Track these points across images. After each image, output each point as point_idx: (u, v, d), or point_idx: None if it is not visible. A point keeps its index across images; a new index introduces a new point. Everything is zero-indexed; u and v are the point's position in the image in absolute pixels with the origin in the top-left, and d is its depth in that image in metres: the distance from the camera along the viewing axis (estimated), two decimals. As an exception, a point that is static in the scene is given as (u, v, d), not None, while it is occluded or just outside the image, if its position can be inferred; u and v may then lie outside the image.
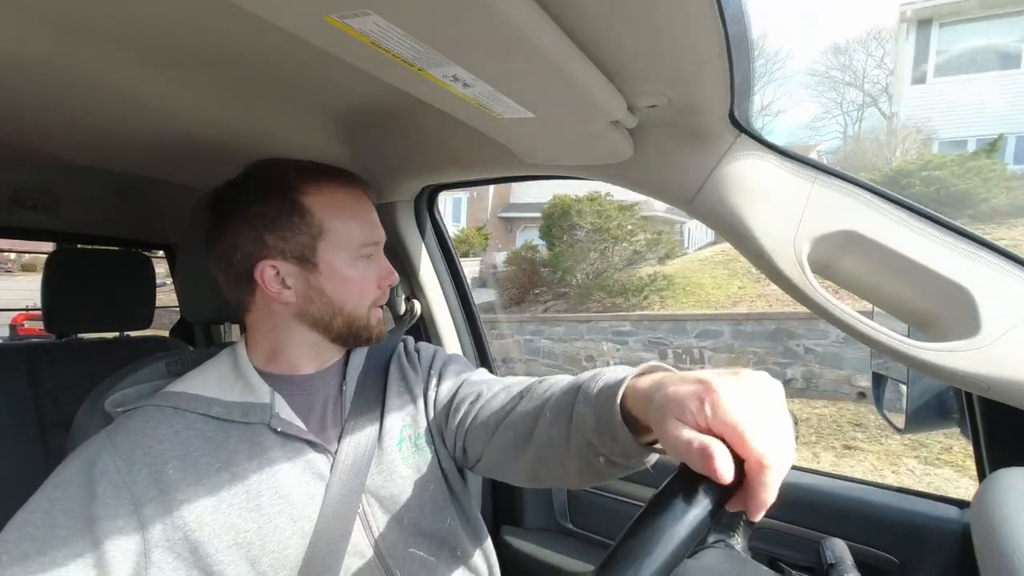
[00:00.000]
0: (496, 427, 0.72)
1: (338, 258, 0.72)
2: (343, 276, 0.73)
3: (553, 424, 0.63)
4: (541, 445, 0.65)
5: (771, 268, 0.67)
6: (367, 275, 0.75)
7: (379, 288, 0.77)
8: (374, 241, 0.76)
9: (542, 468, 0.67)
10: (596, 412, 0.57)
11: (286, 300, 0.72)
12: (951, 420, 0.78)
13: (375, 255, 0.77)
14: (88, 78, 0.64)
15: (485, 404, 0.75)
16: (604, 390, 0.57)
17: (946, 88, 11.45)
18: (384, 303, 0.79)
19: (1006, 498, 0.54)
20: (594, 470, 0.60)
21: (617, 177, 0.80)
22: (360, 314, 0.75)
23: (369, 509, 0.71)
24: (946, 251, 0.61)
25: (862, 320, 0.64)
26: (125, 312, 1.48)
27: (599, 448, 0.57)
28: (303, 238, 0.71)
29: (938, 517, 0.80)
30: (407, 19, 0.41)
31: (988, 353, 0.58)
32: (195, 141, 0.84)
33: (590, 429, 0.57)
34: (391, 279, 0.78)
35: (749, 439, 0.38)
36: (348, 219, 0.73)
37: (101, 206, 1.43)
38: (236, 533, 0.63)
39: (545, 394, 0.68)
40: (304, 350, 0.75)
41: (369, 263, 0.76)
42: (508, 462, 0.71)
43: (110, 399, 0.70)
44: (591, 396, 0.58)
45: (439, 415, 0.80)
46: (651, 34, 0.49)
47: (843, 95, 18.82)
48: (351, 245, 0.73)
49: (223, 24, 0.59)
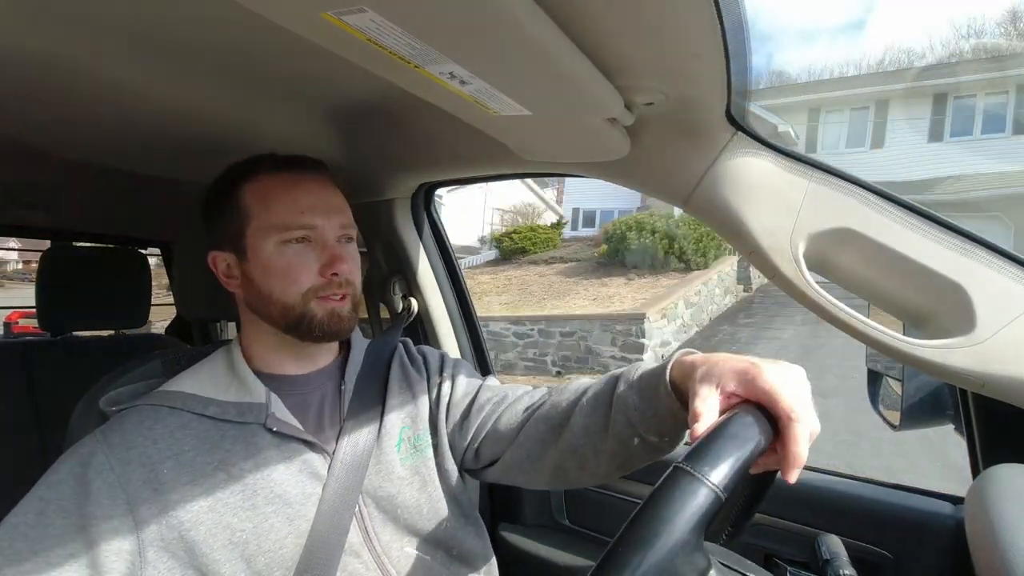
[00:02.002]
0: (524, 423, 0.75)
1: (264, 243, 0.69)
2: (268, 262, 0.69)
3: (591, 412, 0.69)
4: (575, 434, 0.70)
5: (767, 265, 0.67)
6: (300, 262, 0.69)
7: (322, 276, 0.70)
8: (307, 225, 0.70)
9: (569, 460, 0.71)
10: (639, 391, 0.64)
11: (234, 290, 0.75)
12: (946, 416, 0.78)
13: (315, 240, 0.71)
14: (83, 73, 0.63)
15: (511, 405, 0.78)
16: (647, 372, 0.65)
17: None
18: (338, 295, 0.71)
19: (1000, 494, 0.54)
20: (627, 452, 0.66)
21: (614, 174, 0.80)
22: (292, 302, 0.69)
23: (366, 509, 0.71)
24: (941, 248, 0.61)
25: (858, 317, 0.64)
26: (120, 310, 1.48)
27: (638, 427, 0.63)
28: (234, 226, 0.71)
29: (932, 512, 0.80)
30: (403, 16, 0.41)
31: (983, 350, 0.58)
32: (191, 137, 0.84)
33: (632, 408, 0.64)
34: (336, 266, 0.70)
35: (782, 397, 0.47)
36: (274, 202, 0.70)
37: (97, 203, 1.42)
38: (231, 533, 0.63)
39: (580, 388, 0.73)
40: (274, 347, 0.74)
41: (304, 249, 0.70)
42: (533, 460, 0.73)
43: (105, 398, 0.70)
44: (632, 380, 0.66)
45: (452, 417, 0.80)
46: (648, 31, 0.49)
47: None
48: (276, 229, 0.69)
49: (219, 19, 0.58)
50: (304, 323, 0.70)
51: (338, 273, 0.70)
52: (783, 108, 11.94)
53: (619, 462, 0.68)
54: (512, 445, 0.75)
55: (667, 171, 0.73)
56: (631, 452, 0.65)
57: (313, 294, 0.70)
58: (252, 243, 0.70)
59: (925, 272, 0.62)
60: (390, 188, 1.12)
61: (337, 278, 0.71)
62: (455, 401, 0.81)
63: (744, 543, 0.59)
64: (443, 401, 0.81)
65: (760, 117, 10.29)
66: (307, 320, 0.70)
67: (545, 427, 0.73)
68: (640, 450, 0.65)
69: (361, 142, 0.97)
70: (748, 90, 0.61)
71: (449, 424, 0.80)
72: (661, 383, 0.61)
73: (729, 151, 0.68)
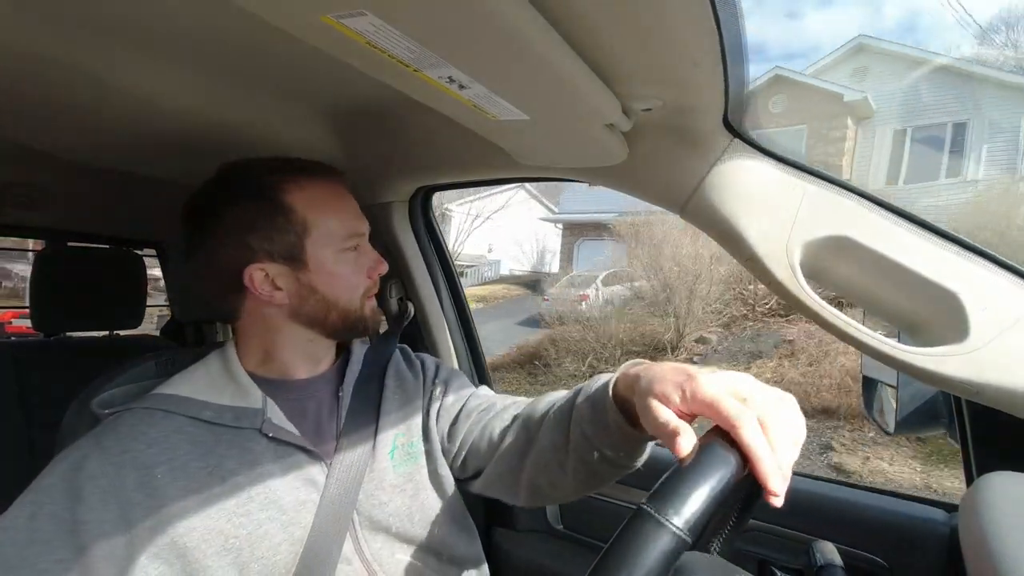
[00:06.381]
0: (505, 434, 0.74)
1: (326, 253, 0.71)
2: (333, 271, 0.72)
3: (556, 427, 0.67)
4: (544, 448, 0.68)
5: (763, 272, 0.67)
6: (356, 267, 0.74)
7: (369, 278, 0.76)
8: (359, 232, 0.75)
9: (541, 476, 0.69)
10: (592, 404, 0.62)
11: (279, 302, 0.71)
12: (940, 424, 0.79)
13: (362, 246, 0.76)
14: (82, 73, 0.63)
15: (497, 415, 0.78)
16: (600, 385, 0.62)
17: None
18: (375, 292, 0.78)
19: (994, 502, 0.54)
20: (589, 469, 0.62)
21: (611, 180, 0.80)
22: (354, 307, 0.74)
23: (357, 517, 0.71)
24: (936, 256, 0.62)
25: (853, 324, 0.64)
26: (115, 311, 1.47)
27: (593, 441, 0.61)
28: (289, 237, 0.69)
29: (926, 520, 0.80)
30: (403, 20, 0.41)
31: (977, 358, 0.58)
32: (187, 137, 0.84)
33: (586, 421, 0.61)
34: (380, 268, 0.77)
35: (721, 408, 0.43)
36: (331, 213, 0.72)
37: (92, 203, 1.41)
38: (225, 539, 0.62)
39: (551, 401, 0.72)
40: (298, 351, 0.75)
41: (357, 255, 0.75)
42: (513, 474, 0.72)
43: (98, 399, 0.69)
44: (589, 392, 0.64)
45: (442, 426, 0.80)
46: (646, 38, 0.49)
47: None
48: (337, 239, 0.72)
49: (217, 20, 0.58)
50: (360, 323, 0.75)
51: (380, 273, 0.78)
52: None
53: (583, 478, 0.65)
54: (494, 458, 0.74)
55: (664, 177, 0.74)
56: (593, 468, 0.63)
57: (365, 295, 0.76)
58: (314, 253, 0.70)
59: (920, 280, 0.62)
60: (388, 191, 1.12)
61: (376, 277, 0.77)
62: (445, 407, 0.81)
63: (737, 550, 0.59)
64: (434, 407, 0.81)
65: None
66: (363, 320, 0.76)
67: (523, 439, 0.72)
68: (601, 465, 0.62)
69: (359, 144, 0.97)
70: (745, 98, 0.62)
71: (440, 431, 0.80)
72: (606, 396, 0.59)
73: (726, 158, 0.68)
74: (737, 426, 0.42)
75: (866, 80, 10.85)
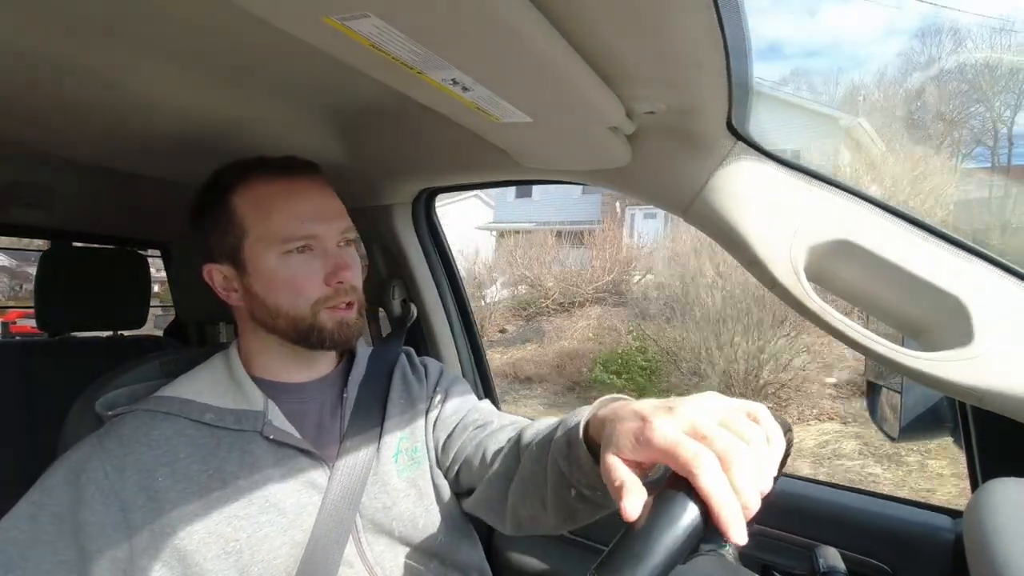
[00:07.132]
0: (496, 457, 0.71)
1: (264, 256, 0.67)
2: (271, 275, 0.68)
3: (537, 458, 0.62)
4: (524, 478, 0.64)
5: (767, 276, 0.67)
6: (304, 272, 0.68)
7: (327, 285, 0.69)
8: (309, 234, 0.68)
9: (522, 507, 0.66)
10: (567, 439, 0.56)
11: (235, 303, 0.72)
12: (944, 429, 0.78)
13: (317, 250, 0.69)
14: (85, 73, 0.63)
15: (492, 433, 0.74)
16: (573, 425, 0.56)
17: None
18: (347, 302, 0.70)
19: (999, 508, 0.54)
20: (567, 506, 0.58)
21: (614, 183, 0.80)
22: (302, 315, 0.68)
23: (360, 520, 0.70)
24: (940, 261, 0.61)
25: (857, 329, 0.64)
26: (119, 311, 1.47)
27: (569, 477, 0.56)
28: (230, 239, 0.69)
29: (931, 526, 0.80)
30: (406, 22, 0.41)
31: (981, 363, 0.58)
32: (191, 138, 0.84)
33: (562, 456, 0.56)
34: (343, 275, 0.69)
35: (677, 454, 0.38)
36: (271, 213, 0.68)
37: (96, 204, 1.42)
38: (225, 542, 0.62)
39: (536, 428, 0.67)
40: (277, 355, 0.73)
41: (307, 259, 0.68)
42: (501, 500, 0.69)
43: (101, 400, 0.69)
44: (568, 426, 0.58)
45: (438, 435, 0.79)
46: (650, 40, 0.49)
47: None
48: (276, 241, 0.67)
49: (221, 21, 0.58)
50: (315, 334, 0.69)
51: (343, 281, 0.69)
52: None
53: (563, 516, 0.60)
54: (484, 479, 0.71)
55: (667, 180, 0.73)
56: (570, 505, 0.58)
57: (321, 305, 0.69)
58: (251, 256, 0.68)
59: (923, 284, 0.61)
60: (391, 193, 1.12)
61: (342, 286, 0.70)
62: (443, 417, 0.80)
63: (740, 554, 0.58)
64: (432, 415, 0.81)
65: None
66: (317, 331, 0.69)
67: (511, 466, 0.68)
68: (578, 503, 0.57)
69: (362, 146, 0.97)
70: (749, 100, 0.62)
71: (436, 440, 0.79)
72: (578, 434, 0.54)
73: (730, 161, 0.68)
74: (695, 475, 0.37)
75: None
